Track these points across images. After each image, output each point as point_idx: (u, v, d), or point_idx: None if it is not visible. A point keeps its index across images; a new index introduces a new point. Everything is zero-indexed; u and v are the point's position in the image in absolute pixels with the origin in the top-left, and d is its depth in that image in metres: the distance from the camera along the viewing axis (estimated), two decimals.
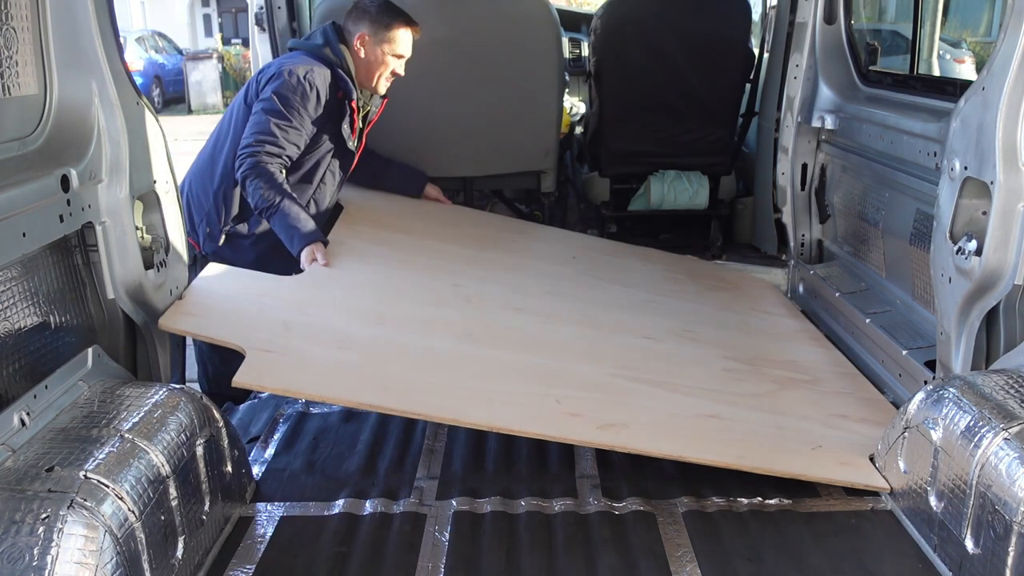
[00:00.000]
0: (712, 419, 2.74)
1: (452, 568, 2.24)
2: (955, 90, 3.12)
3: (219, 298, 2.81)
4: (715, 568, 2.23)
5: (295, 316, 2.81)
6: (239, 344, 2.53)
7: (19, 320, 2.07)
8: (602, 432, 2.52)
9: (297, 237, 3.25)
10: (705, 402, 2.83)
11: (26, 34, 2.14)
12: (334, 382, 2.51)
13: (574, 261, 4.01)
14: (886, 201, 3.45)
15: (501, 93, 4.44)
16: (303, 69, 3.34)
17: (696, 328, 3.46)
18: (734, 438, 2.65)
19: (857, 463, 2.59)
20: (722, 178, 4.98)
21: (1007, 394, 2.18)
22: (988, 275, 2.38)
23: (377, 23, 3.48)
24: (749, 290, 4.19)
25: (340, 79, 3.42)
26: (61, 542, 1.67)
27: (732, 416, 2.77)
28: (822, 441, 2.70)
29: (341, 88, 3.43)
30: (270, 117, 3.30)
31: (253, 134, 3.30)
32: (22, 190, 2.02)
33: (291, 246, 3.25)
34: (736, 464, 2.51)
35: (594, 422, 2.56)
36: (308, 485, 2.66)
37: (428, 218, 4.11)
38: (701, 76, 4.77)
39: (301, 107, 3.33)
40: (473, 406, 2.54)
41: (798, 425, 2.80)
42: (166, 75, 21.67)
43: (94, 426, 2.02)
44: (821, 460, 2.59)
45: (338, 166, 3.61)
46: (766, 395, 2.98)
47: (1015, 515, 1.92)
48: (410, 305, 3.11)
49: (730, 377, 3.07)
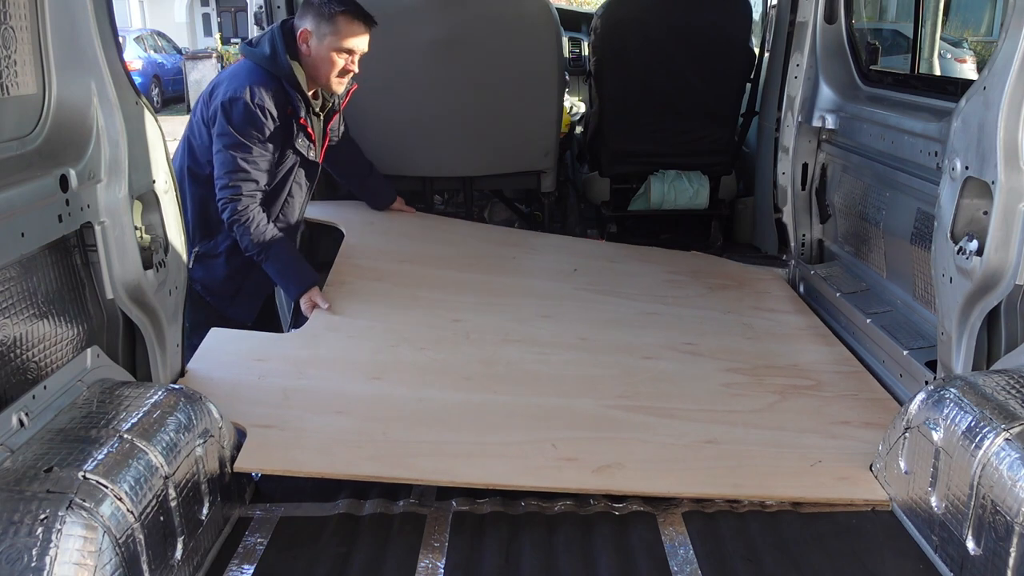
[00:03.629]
0: (708, 445, 2.73)
1: (452, 568, 2.24)
2: (956, 89, 3.12)
3: (221, 370, 2.89)
4: (715, 568, 2.22)
5: (294, 381, 2.88)
6: (241, 424, 2.58)
7: (18, 320, 2.07)
8: (597, 476, 2.55)
9: (292, 285, 3.33)
10: (701, 426, 2.83)
11: (24, 33, 2.13)
12: (331, 457, 2.55)
13: (574, 275, 4.01)
14: (887, 201, 3.45)
15: (501, 93, 4.44)
16: (249, 93, 3.23)
17: (697, 340, 3.46)
18: (730, 466, 2.64)
19: (856, 477, 2.58)
20: (722, 178, 4.98)
21: (1008, 394, 2.18)
22: (989, 275, 2.37)
23: (319, 16, 3.24)
24: (754, 285, 4.17)
25: (288, 95, 3.30)
26: (60, 543, 1.66)
27: (729, 439, 2.76)
28: (821, 455, 2.69)
29: (290, 105, 3.31)
30: (234, 153, 3.26)
31: (225, 174, 3.29)
32: (21, 190, 2.01)
33: (288, 293, 3.32)
34: (732, 495, 2.52)
35: (589, 466, 2.58)
36: (307, 485, 2.65)
37: (427, 239, 4.14)
38: (701, 76, 4.77)
39: (258, 132, 3.27)
40: (469, 465, 2.57)
41: (797, 440, 2.79)
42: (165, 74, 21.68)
43: (93, 427, 2.02)
44: (819, 478, 2.59)
45: (304, 176, 3.56)
46: (765, 409, 2.98)
47: (1016, 516, 1.92)
48: (408, 351, 3.15)
49: (729, 393, 3.07)
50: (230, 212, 3.29)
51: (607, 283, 3.97)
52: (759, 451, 2.72)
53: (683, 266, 4.33)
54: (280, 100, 3.29)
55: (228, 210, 3.29)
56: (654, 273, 4.18)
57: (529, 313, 3.55)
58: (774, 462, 2.68)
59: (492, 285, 3.79)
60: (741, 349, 3.42)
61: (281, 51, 3.26)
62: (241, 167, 3.28)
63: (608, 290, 3.90)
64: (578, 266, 4.11)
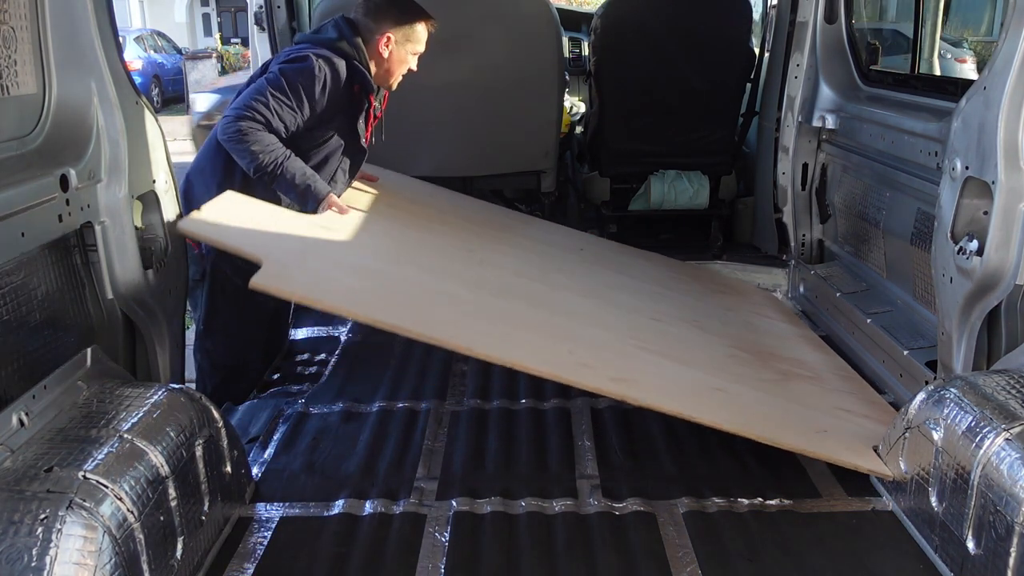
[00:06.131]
0: (718, 392, 2.73)
1: (452, 568, 2.24)
2: (956, 89, 3.12)
3: (238, 217, 2.74)
4: (715, 568, 2.22)
5: (313, 245, 2.75)
6: (256, 255, 2.42)
7: (18, 320, 2.07)
8: (614, 383, 2.47)
9: (311, 197, 3.13)
10: (712, 377, 2.81)
11: (25, 33, 2.13)
12: (351, 298, 2.43)
13: (582, 253, 4.00)
14: (887, 201, 3.45)
15: (501, 93, 4.44)
16: (317, 55, 3.16)
17: (702, 320, 3.45)
18: (741, 408, 2.63)
19: (861, 450, 2.58)
20: (722, 178, 4.98)
21: (1008, 394, 2.18)
22: (989, 275, 2.38)
23: (402, 22, 3.30)
24: (751, 297, 4.20)
25: (357, 72, 3.23)
26: (60, 543, 1.66)
27: (738, 392, 2.76)
28: (827, 427, 2.70)
29: (358, 81, 3.24)
30: (269, 87, 3.11)
31: (247, 98, 3.10)
32: (21, 190, 2.02)
33: (305, 204, 3.14)
34: (742, 430, 2.47)
35: (606, 373, 2.52)
36: (308, 485, 2.66)
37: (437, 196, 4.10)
38: (702, 76, 4.77)
39: (305, 90, 3.13)
40: (489, 341, 2.49)
41: (803, 411, 2.79)
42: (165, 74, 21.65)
43: (93, 426, 2.02)
44: (825, 442, 2.58)
45: (349, 165, 3.45)
46: (771, 381, 2.97)
47: (1017, 515, 1.92)
48: (427, 253, 3.07)
49: (736, 362, 3.05)
50: (234, 131, 3.05)
51: (614, 264, 3.96)
52: (767, 407, 2.72)
53: (683, 271, 4.34)
54: (349, 76, 3.22)
55: (232, 128, 3.05)
56: (657, 268, 4.19)
57: (542, 265, 3.51)
58: (783, 419, 2.68)
59: (505, 239, 3.74)
60: (744, 336, 3.42)
61: (350, 36, 3.25)
62: (267, 102, 3.08)
63: (616, 268, 3.89)
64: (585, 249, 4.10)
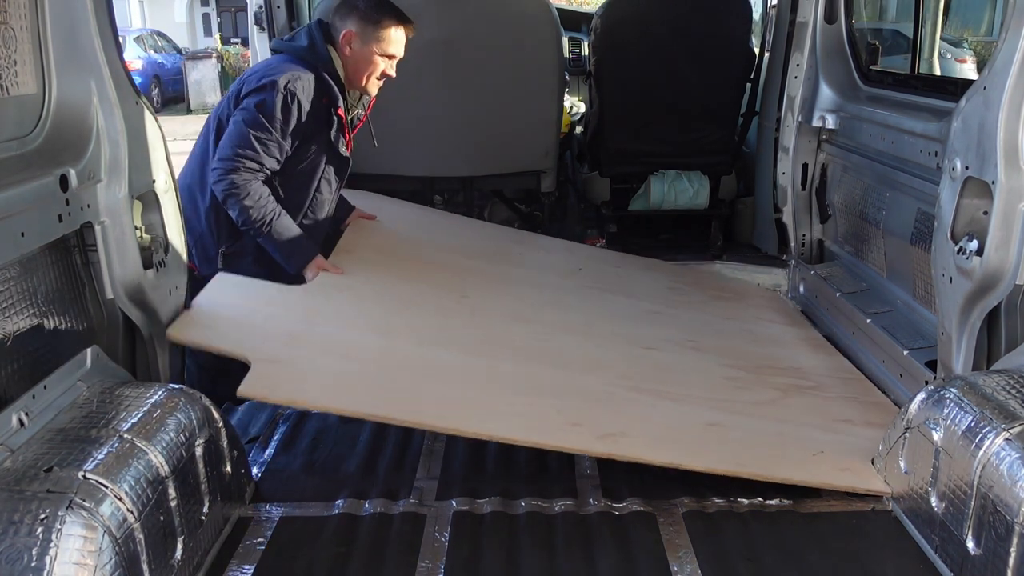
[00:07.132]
0: (712, 427, 2.74)
1: (452, 568, 2.24)
2: (956, 89, 3.12)
3: (227, 308, 2.82)
4: (715, 568, 2.22)
5: (301, 327, 2.83)
6: (245, 355, 2.54)
7: (18, 320, 2.07)
8: (601, 441, 2.53)
9: (295, 257, 3.19)
10: (706, 411, 2.83)
11: (24, 33, 2.13)
12: (337, 392, 2.53)
13: (579, 274, 4.01)
14: (887, 201, 3.45)
15: (501, 93, 4.44)
16: (285, 79, 3.14)
17: (699, 338, 3.46)
18: (734, 445, 2.65)
19: (857, 468, 2.59)
20: (722, 178, 4.98)
21: (1008, 394, 2.18)
22: (989, 275, 2.37)
23: (366, 20, 3.25)
24: (753, 299, 4.20)
25: (325, 85, 3.23)
26: (60, 543, 1.66)
27: (733, 424, 2.77)
28: (824, 447, 2.70)
29: (326, 94, 3.24)
30: (250, 129, 3.13)
31: (232, 146, 3.14)
32: (20, 190, 2.01)
33: (288, 266, 3.19)
34: (735, 471, 2.51)
35: (593, 432, 2.57)
36: (307, 486, 2.66)
37: (433, 229, 4.12)
38: (701, 76, 4.77)
39: (282, 119, 3.15)
40: (474, 416, 2.55)
41: (799, 432, 2.79)
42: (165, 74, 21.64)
43: (93, 426, 2.02)
44: (821, 466, 2.59)
45: (333, 173, 3.44)
46: (768, 403, 2.98)
47: (1016, 516, 1.92)
48: (417, 314, 3.12)
49: (732, 385, 3.07)
50: (227, 184, 3.11)
51: (612, 284, 3.97)
52: (763, 436, 2.73)
53: (685, 277, 4.34)
54: (317, 90, 3.22)
55: (225, 182, 3.11)
56: (657, 280, 4.20)
57: (534, 300, 3.54)
58: (777, 448, 2.68)
59: (497, 274, 3.77)
60: (742, 349, 3.42)
61: (320, 42, 3.24)
62: (252, 145, 3.13)
63: (613, 289, 3.90)
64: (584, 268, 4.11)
